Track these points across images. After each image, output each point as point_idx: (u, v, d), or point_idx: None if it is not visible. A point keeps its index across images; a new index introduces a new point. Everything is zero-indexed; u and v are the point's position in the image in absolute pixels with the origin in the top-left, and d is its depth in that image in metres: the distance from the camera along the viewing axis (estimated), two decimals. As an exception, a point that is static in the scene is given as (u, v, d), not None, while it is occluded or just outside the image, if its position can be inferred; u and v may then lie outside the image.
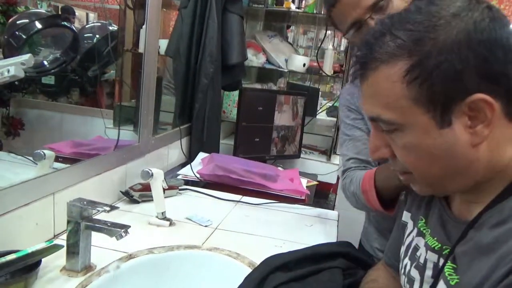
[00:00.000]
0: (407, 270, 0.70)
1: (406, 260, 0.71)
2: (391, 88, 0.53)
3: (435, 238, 0.63)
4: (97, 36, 1.50)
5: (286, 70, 2.20)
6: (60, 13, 1.33)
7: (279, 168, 1.84)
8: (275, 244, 1.11)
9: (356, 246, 2.14)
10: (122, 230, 0.82)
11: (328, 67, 2.13)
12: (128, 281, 0.91)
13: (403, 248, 0.74)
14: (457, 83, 0.49)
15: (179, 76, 1.75)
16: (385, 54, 0.52)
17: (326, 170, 2.05)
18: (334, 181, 2.07)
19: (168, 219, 1.15)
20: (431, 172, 0.56)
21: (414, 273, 0.67)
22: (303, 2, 2.22)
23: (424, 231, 0.68)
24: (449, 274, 0.57)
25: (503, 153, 0.53)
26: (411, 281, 0.68)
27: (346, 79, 2.12)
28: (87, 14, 1.49)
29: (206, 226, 1.17)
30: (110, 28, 1.53)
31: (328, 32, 3.00)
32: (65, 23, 1.33)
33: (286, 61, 2.20)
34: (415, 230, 0.71)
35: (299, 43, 3.71)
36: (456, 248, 0.57)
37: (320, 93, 3.48)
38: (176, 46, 1.75)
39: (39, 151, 1.07)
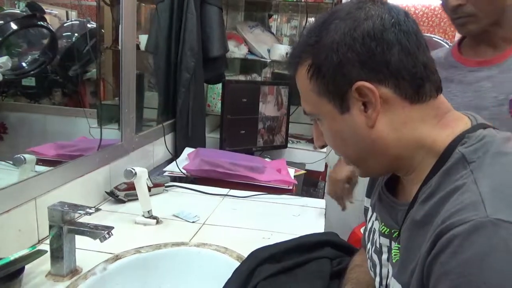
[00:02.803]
0: (370, 254, 0.73)
1: (369, 245, 0.74)
2: (303, 85, 0.63)
3: (383, 223, 0.68)
4: (76, 34, 1.47)
5: (268, 60, 2.19)
6: (27, 10, 1.30)
7: (266, 159, 1.84)
8: (263, 236, 1.11)
9: (346, 232, 2.16)
10: (106, 232, 0.82)
11: (311, 55, 2.11)
12: (116, 282, 0.91)
13: (366, 233, 0.78)
14: (341, 74, 0.57)
15: (160, 71, 1.73)
16: (300, 57, 0.62)
17: (314, 158, 2.06)
18: (322, 169, 2.08)
19: (154, 217, 1.15)
20: (349, 153, 0.65)
21: (375, 257, 0.70)
22: (283, -10, 2.19)
23: (378, 216, 0.71)
24: (394, 254, 0.62)
25: (412, 131, 0.59)
26: (374, 265, 0.71)
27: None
28: (67, 12, 1.47)
29: (193, 222, 1.17)
30: (89, 25, 1.51)
31: (312, 19, 2.99)
32: (42, 22, 1.30)
33: (269, 51, 2.18)
34: (374, 215, 0.74)
35: (283, 32, 3.68)
36: (401, 230, 0.61)
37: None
38: (155, 41, 1.73)
39: (19, 155, 1.05)
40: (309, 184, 1.88)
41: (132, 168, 1.12)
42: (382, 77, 0.56)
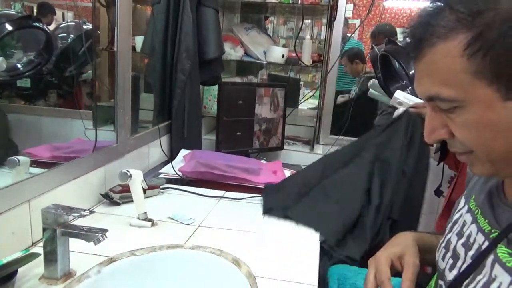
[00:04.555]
0: (451, 245, 0.69)
1: (450, 235, 0.70)
2: (450, 64, 0.52)
3: (486, 220, 0.62)
4: (72, 35, 1.47)
5: (265, 62, 2.19)
6: (36, 10, 1.30)
7: (262, 161, 1.84)
8: (258, 238, 1.11)
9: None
10: (100, 235, 0.81)
11: (306, 57, 2.12)
12: (110, 285, 0.90)
13: (449, 223, 0.73)
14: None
15: (156, 73, 1.73)
16: (444, 29, 0.52)
17: (309, 160, 2.04)
18: (318, 171, 2.08)
19: (149, 220, 1.14)
20: (495, 148, 0.55)
21: (460, 250, 0.66)
22: (279, -8, 2.19)
23: (475, 210, 0.67)
24: (506, 260, 0.55)
25: None
26: (456, 257, 0.67)
27: (325, 69, 2.12)
28: (63, 13, 1.46)
29: (188, 224, 1.17)
30: (85, 27, 1.50)
31: (308, 21, 2.99)
32: (37, 23, 1.30)
33: (265, 53, 2.18)
34: (466, 207, 0.70)
35: (279, 34, 3.70)
36: (510, 234, 0.55)
37: (302, 83, 3.48)
38: (151, 43, 1.72)
39: (13, 157, 1.04)
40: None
41: (127, 170, 1.11)
42: None
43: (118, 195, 1.25)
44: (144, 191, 1.17)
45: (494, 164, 0.57)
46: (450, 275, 0.66)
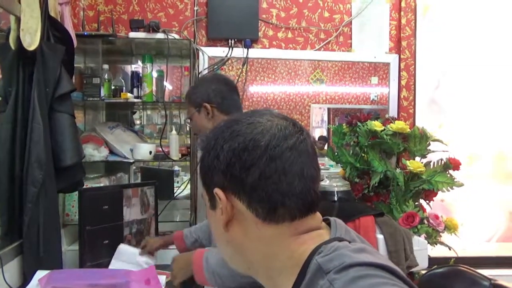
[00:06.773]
0: None
1: None
2: None
3: None
4: None
5: (132, 160, 2.13)
6: None
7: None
8: None
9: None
10: None
11: (174, 152, 2.13)
12: None
13: None
14: (208, 175, 0.63)
15: (1, 187, 1.55)
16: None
17: (188, 256, 1.98)
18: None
19: None
20: (217, 244, 0.69)
21: None
22: (141, 91, 2.21)
23: None
24: None
25: (266, 247, 0.62)
26: None
27: (192, 161, 2.14)
28: None
29: None
30: None
31: (179, 116, 3.05)
32: None
33: (132, 150, 2.13)
34: None
35: (145, 131, 3.66)
36: None
37: (180, 169, 3.44)
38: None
39: None
40: (189, 282, 1.82)
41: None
42: (237, 191, 0.61)
43: None
44: None
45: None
46: None
